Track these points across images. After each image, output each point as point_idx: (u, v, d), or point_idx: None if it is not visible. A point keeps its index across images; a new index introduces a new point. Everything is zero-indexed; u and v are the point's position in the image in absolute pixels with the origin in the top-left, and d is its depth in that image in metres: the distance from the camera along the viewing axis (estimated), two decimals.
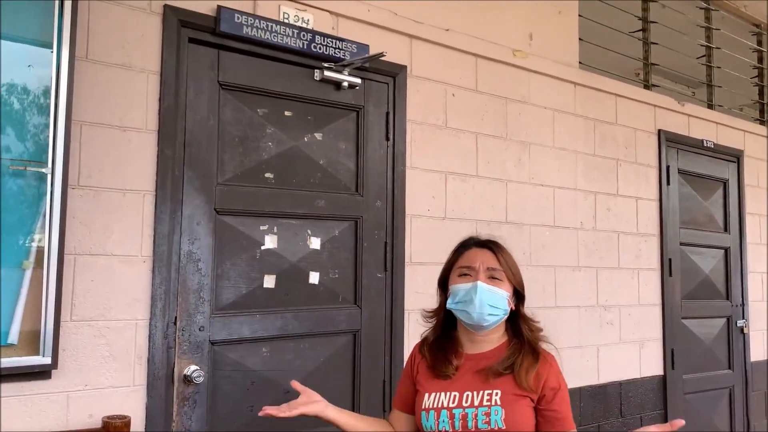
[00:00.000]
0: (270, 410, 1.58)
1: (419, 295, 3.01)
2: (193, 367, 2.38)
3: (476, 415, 1.55)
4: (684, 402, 4.28)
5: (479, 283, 1.62)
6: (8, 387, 2.03)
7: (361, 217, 2.88)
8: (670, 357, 4.17)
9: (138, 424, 2.24)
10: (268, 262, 2.62)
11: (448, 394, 1.61)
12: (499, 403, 1.56)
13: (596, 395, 3.71)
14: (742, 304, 4.80)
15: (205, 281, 2.45)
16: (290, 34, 2.65)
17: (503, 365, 1.61)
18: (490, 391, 1.58)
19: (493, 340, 1.68)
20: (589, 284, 3.77)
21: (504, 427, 1.54)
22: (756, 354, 4.88)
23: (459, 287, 1.65)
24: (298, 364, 2.66)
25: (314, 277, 2.73)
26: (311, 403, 1.65)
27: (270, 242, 2.63)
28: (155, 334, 2.30)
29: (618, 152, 4.00)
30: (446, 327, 1.74)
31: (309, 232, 2.74)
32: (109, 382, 2.21)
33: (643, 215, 4.12)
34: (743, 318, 4.78)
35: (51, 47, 2.10)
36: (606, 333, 3.84)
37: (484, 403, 1.56)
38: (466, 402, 1.58)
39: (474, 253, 1.70)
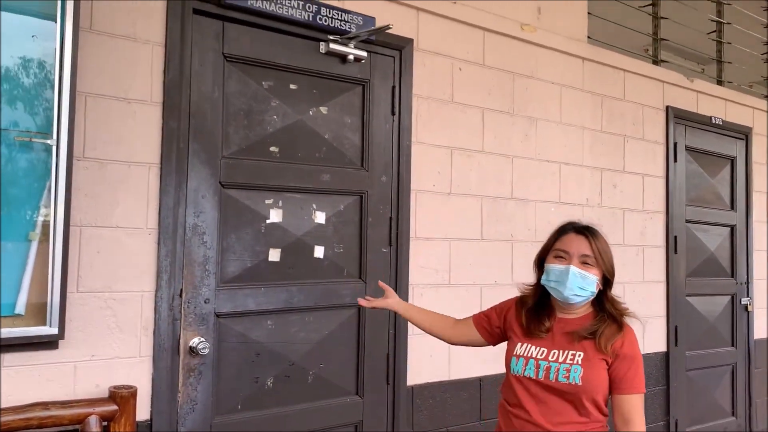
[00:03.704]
0: (361, 301, 2.24)
1: (424, 269, 3.02)
2: (198, 339, 2.40)
3: (558, 370, 1.82)
4: (686, 378, 4.30)
5: (572, 267, 1.85)
6: (16, 356, 2.05)
7: (366, 192, 2.87)
8: (673, 334, 4.18)
9: (144, 394, 2.27)
10: (273, 235, 2.63)
11: (538, 348, 1.89)
12: (579, 363, 1.81)
13: None
14: (747, 282, 4.79)
15: (210, 254, 2.46)
16: (295, 6, 2.62)
17: (587, 331, 1.86)
18: (574, 352, 1.84)
19: (580, 311, 1.93)
20: None
21: (580, 384, 1.79)
22: (759, 332, 4.89)
23: (553, 267, 1.89)
24: (302, 337, 2.68)
25: (319, 251, 2.74)
26: (384, 299, 2.24)
27: (275, 216, 2.64)
28: (161, 306, 2.32)
29: (625, 128, 3.97)
30: (542, 296, 1.98)
31: (314, 206, 2.74)
32: (116, 352, 2.23)
33: (649, 192, 4.10)
34: (748, 296, 4.78)
35: (54, 19, 2.08)
36: None
37: (568, 361, 1.83)
38: (552, 357, 1.85)
39: (571, 238, 1.91)
